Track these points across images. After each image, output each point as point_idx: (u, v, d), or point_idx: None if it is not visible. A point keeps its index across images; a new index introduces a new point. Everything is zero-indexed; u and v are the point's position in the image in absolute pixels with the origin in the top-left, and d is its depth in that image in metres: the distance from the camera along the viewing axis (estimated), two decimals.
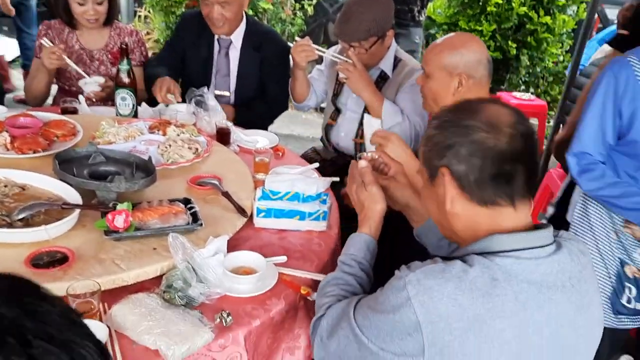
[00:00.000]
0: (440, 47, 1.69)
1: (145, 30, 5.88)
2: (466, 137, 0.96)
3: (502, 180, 0.95)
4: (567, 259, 0.98)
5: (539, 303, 0.92)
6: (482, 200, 0.97)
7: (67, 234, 1.33)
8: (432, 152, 1.01)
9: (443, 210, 1.01)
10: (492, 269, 0.92)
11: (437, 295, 0.90)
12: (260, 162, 1.84)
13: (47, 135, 1.82)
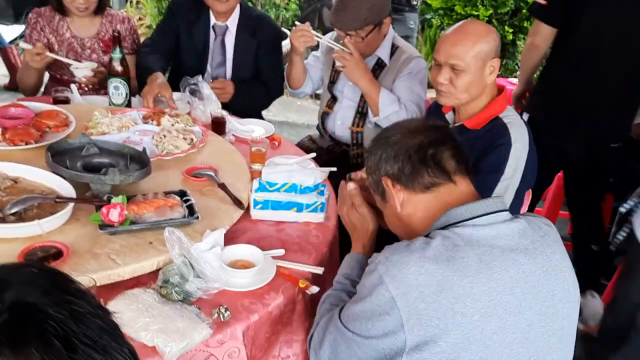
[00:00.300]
0: (471, 38, 1.59)
1: (137, 15, 5.80)
2: (387, 144, 1.13)
3: (431, 162, 1.08)
4: (526, 226, 1.05)
5: (503, 264, 0.99)
6: (424, 186, 1.09)
7: (61, 228, 1.31)
8: (372, 175, 1.16)
9: (398, 217, 1.13)
10: (452, 237, 1.00)
11: (404, 266, 0.97)
12: (256, 152, 1.82)
13: (39, 126, 1.79)
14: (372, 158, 1.16)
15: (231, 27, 2.40)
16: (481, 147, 1.62)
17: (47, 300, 0.50)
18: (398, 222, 1.16)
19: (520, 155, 1.60)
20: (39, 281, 0.53)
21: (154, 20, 5.32)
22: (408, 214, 1.11)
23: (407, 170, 1.09)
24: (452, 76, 1.61)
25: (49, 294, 0.51)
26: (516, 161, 1.59)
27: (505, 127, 1.61)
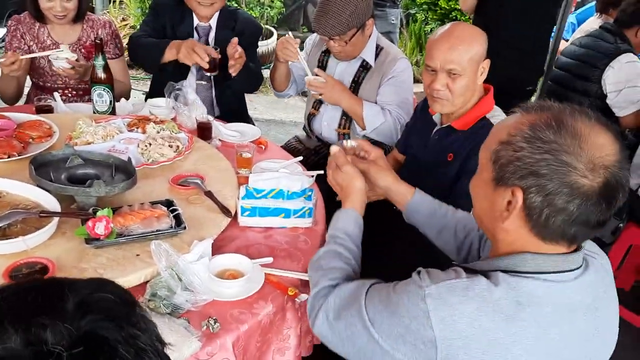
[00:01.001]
0: (465, 42, 1.58)
1: (120, 16, 5.75)
2: (559, 175, 0.85)
3: (578, 225, 0.88)
4: (593, 279, 0.94)
5: (560, 327, 0.89)
6: (541, 236, 0.91)
7: (46, 243, 1.30)
8: (511, 164, 0.89)
9: (493, 216, 0.95)
10: (517, 290, 0.87)
11: (457, 314, 0.87)
12: (243, 157, 1.82)
13: (22, 137, 1.76)
14: (530, 159, 0.87)
15: (214, 27, 2.39)
16: (468, 147, 1.63)
17: (119, 337, 0.52)
18: (485, 210, 0.98)
19: None
20: (116, 312, 0.55)
21: (137, 21, 5.28)
22: (504, 227, 0.93)
23: (545, 216, 0.87)
24: (448, 82, 1.60)
25: (122, 329, 0.53)
26: None
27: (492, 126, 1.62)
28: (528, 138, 0.88)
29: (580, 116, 0.89)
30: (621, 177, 0.87)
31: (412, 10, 5.22)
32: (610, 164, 0.85)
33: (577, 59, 2.80)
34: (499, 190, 0.92)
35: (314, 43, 2.43)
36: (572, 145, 0.85)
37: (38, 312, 0.50)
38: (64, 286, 0.54)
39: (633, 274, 2.78)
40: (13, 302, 0.53)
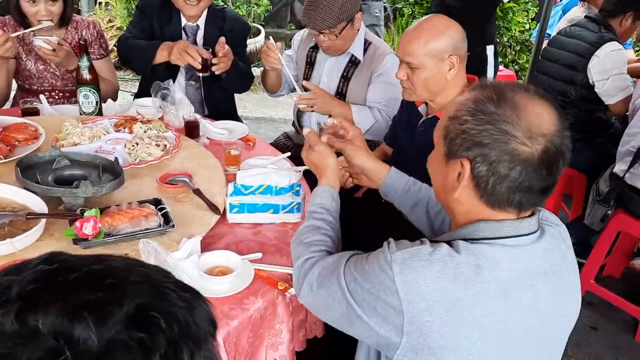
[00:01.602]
0: (424, 35, 1.60)
1: (107, 17, 5.72)
2: (499, 143, 0.90)
3: (522, 191, 0.93)
4: (550, 245, 0.98)
5: (519, 292, 0.93)
6: (490, 203, 0.95)
7: (34, 244, 1.30)
8: (458, 137, 0.95)
9: (447, 190, 1.00)
10: (477, 255, 0.92)
11: (421, 277, 0.91)
12: (231, 154, 1.82)
13: (8, 140, 1.76)
14: (473, 131, 0.92)
15: (202, 26, 2.39)
16: None
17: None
18: (440, 184, 1.04)
19: None
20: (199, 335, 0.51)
21: (123, 22, 5.25)
22: (457, 198, 0.98)
23: (491, 183, 0.93)
24: (408, 73, 1.64)
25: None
26: None
27: None
28: (472, 111, 0.93)
29: (519, 89, 0.94)
30: (560, 145, 0.92)
31: (399, 5, 5.23)
32: (549, 132, 0.90)
33: (563, 48, 2.82)
34: (450, 163, 0.98)
35: (301, 39, 2.43)
36: (511, 115, 0.90)
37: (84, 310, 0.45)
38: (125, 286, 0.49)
39: (623, 261, 2.81)
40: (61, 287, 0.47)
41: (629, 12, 2.74)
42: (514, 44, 5.06)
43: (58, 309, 0.45)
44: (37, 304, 0.45)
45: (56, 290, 0.47)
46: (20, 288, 0.48)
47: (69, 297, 0.46)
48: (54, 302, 0.45)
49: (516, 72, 4.92)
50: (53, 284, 0.48)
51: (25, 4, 2.19)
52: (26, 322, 0.44)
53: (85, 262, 0.51)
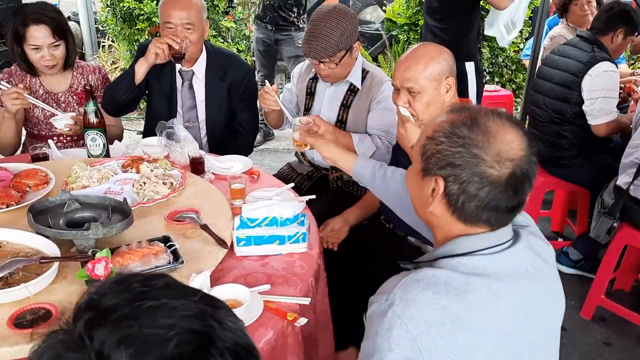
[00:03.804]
0: (422, 61, 1.66)
1: (110, 59, 5.86)
2: (470, 165, 0.98)
3: (489, 210, 1.00)
4: (527, 245, 1.05)
5: (509, 290, 0.99)
6: (462, 219, 1.03)
7: (48, 288, 1.33)
8: (434, 156, 1.03)
9: (422, 203, 1.07)
10: (459, 268, 0.98)
11: (420, 305, 0.94)
12: (236, 188, 1.86)
13: (19, 186, 1.81)
14: (447, 152, 1.00)
15: (198, 72, 2.45)
16: None
17: None
18: (416, 198, 1.11)
19: None
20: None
21: (127, 64, 5.38)
22: (432, 212, 1.05)
23: (461, 201, 1.00)
24: (409, 99, 1.70)
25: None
26: None
27: None
28: (447, 133, 1.01)
29: (492, 115, 1.02)
30: (527, 169, 0.99)
31: (394, 32, 5.33)
32: (517, 157, 0.98)
33: (557, 67, 2.87)
34: (425, 179, 1.05)
35: (300, 72, 2.49)
36: (482, 140, 0.98)
37: None
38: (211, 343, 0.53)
39: (632, 274, 2.80)
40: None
41: (619, 29, 2.80)
42: (509, 64, 5.14)
43: (111, 332, 0.51)
44: (104, 320, 0.51)
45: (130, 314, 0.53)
46: (105, 302, 0.55)
47: (130, 324, 0.51)
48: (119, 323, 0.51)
49: (513, 91, 4.98)
50: (132, 306, 0.53)
51: (30, 52, 2.27)
52: (89, 332, 0.51)
53: (168, 295, 0.56)
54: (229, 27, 5.10)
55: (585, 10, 3.59)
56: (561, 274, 1.14)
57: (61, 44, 2.31)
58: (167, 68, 2.41)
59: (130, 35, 4.99)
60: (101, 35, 6.25)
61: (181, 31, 2.29)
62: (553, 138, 2.86)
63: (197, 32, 2.33)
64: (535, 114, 2.96)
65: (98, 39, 6.38)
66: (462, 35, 2.99)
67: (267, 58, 4.43)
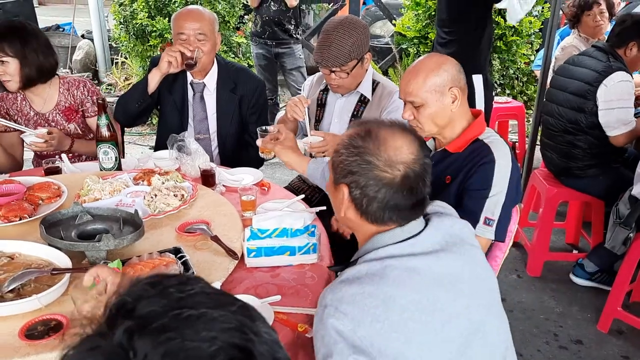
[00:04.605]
0: (421, 74, 1.67)
1: (123, 76, 5.95)
2: (365, 171, 1.10)
3: (390, 209, 1.11)
4: (438, 226, 1.15)
5: (427, 264, 1.08)
6: (370, 220, 1.14)
7: (59, 299, 1.33)
8: (338, 167, 1.15)
9: (338, 210, 1.19)
10: (376, 259, 1.08)
11: (350, 298, 1.02)
12: (246, 200, 1.86)
13: (32, 199, 1.82)
14: (347, 162, 1.13)
15: (210, 84, 2.47)
16: (466, 168, 1.67)
17: None
18: (335, 205, 1.21)
19: (504, 172, 1.64)
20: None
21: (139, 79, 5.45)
22: (346, 217, 1.17)
23: (366, 204, 1.12)
24: (414, 112, 1.70)
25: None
26: (501, 177, 1.63)
27: (487, 146, 1.66)
28: (346, 145, 1.15)
29: (384, 126, 1.15)
30: (418, 170, 1.11)
31: (403, 45, 5.35)
32: (407, 160, 1.10)
33: (572, 77, 2.84)
34: (336, 188, 1.18)
35: (311, 84, 2.50)
36: (374, 148, 1.11)
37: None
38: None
39: None
40: None
41: (632, 42, 2.78)
42: (520, 76, 5.13)
43: (154, 345, 0.50)
44: (144, 330, 0.51)
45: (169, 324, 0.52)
46: (142, 308, 0.53)
47: (172, 336, 0.51)
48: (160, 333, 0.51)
49: (525, 102, 4.95)
50: (171, 315, 0.53)
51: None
52: (129, 343, 0.50)
53: (206, 304, 0.56)
54: (239, 43, 5.15)
55: (598, 21, 3.58)
56: (576, 287, 1.15)
57: (9, 60, 2.24)
58: (179, 80, 2.44)
59: (142, 52, 5.06)
60: (114, 52, 6.36)
61: (194, 41, 2.32)
62: (567, 148, 2.83)
63: (210, 42, 2.35)
64: (549, 124, 2.94)
65: (111, 55, 6.50)
66: (471, 48, 2.99)
67: (269, 72, 4.50)
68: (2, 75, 2.25)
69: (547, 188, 2.95)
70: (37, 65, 2.27)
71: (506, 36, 4.74)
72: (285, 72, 4.51)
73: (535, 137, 3.59)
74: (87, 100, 2.44)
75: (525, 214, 3.30)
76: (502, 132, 4.05)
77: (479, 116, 1.74)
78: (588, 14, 3.59)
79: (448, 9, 3.03)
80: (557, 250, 3.25)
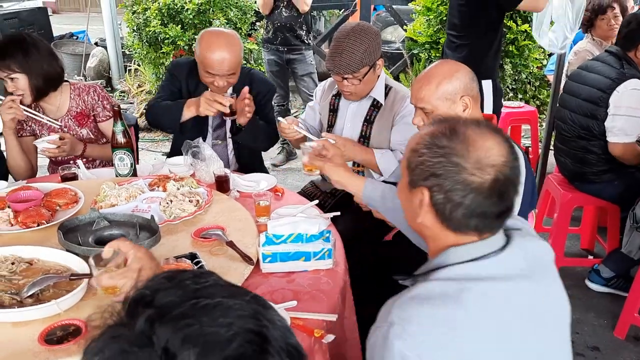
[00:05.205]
0: (434, 80, 1.65)
1: (137, 83, 6.00)
2: (452, 174, 1.00)
3: (477, 217, 1.02)
4: (518, 252, 1.05)
5: (506, 294, 0.99)
6: (451, 228, 1.04)
7: (78, 304, 1.35)
8: (417, 168, 1.06)
9: (413, 215, 1.09)
10: (451, 278, 1.00)
11: (419, 320, 0.94)
12: (261, 206, 1.87)
13: (50, 205, 1.84)
14: (429, 162, 1.03)
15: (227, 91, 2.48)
16: None
17: None
18: (408, 210, 1.13)
19: None
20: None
21: (152, 86, 5.50)
22: (423, 224, 1.07)
23: (448, 210, 1.02)
24: (424, 118, 1.70)
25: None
26: None
27: None
28: (427, 145, 1.04)
29: (471, 125, 1.05)
30: (509, 174, 1.01)
31: (415, 51, 5.35)
32: (498, 163, 1.00)
33: (584, 83, 2.81)
34: (413, 191, 1.08)
35: (323, 90, 2.51)
36: (462, 149, 1.01)
37: None
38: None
39: None
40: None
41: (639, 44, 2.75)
42: (532, 80, 5.10)
43: (174, 330, 0.53)
44: (164, 318, 0.53)
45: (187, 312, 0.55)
46: (160, 298, 0.56)
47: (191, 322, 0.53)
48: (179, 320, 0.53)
49: (538, 107, 4.93)
50: (189, 304, 0.56)
51: (4, 84, 2.30)
52: (151, 330, 0.53)
53: (221, 294, 0.58)
54: (251, 49, 5.19)
55: (612, 25, 3.54)
56: (592, 293, 1.13)
57: (18, 76, 2.26)
58: (200, 88, 2.42)
59: (155, 59, 5.11)
60: (127, 60, 6.43)
61: (222, 78, 2.30)
62: (581, 153, 2.80)
63: (237, 74, 2.35)
64: (562, 129, 2.92)
65: (124, 63, 6.56)
66: (481, 53, 2.98)
67: (281, 78, 4.52)
68: (15, 91, 2.27)
69: (562, 193, 2.93)
70: (43, 75, 2.29)
71: (518, 40, 4.72)
72: (296, 78, 4.53)
73: (548, 142, 3.57)
74: (98, 105, 2.46)
75: (539, 220, 3.28)
76: (515, 137, 4.02)
77: (491, 122, 1.74)
78: (602, 17, 3.57)
79: (460, 13, 3.03)
80: (572, 255, 3.22)
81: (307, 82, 4.46)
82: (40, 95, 2.34)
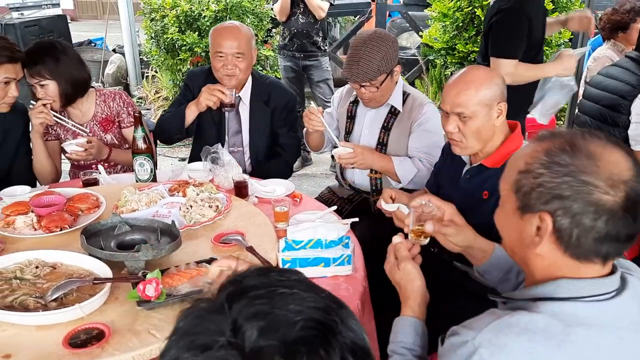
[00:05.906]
0: (473, 86, 1.63)
1: (154, 89, 6.07)
2: (582, 194, 0.89)
3: (606, 243, 0.91)
4: (632, 297, 0.95)
5: (611, 344, 0.90)
6: (576, 256, 0.93)
7: (100, 308, 1.36)
8: (534, 191, 0.93)
9: (523, 245, 0.98)
10: (560, 315, 0.89)
11: (513, 351, 0.87)
12: (279, 211, 1.87)
13: (72, 210, 1.87)
14: (552, 184, 0.91)
15: (245, 98, 2.51)
16: None
17: None
18: (515, 241, 1.01)
19: None
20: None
21: (169, 92, 5.56)
22: (537, 253, 0.95)
23: (576, 236, 0.90)
24: (459, 124, 1.66)
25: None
26: None
27: None
28: (545, 164, 0.92)
29: (591, 137, 0.93)
30: (639, 190, 0.90)
31: (430, 57, 5.35)
32: (628, 178, 0.89)
33: (604, 89, 2.78)
34: (525, 217, 0.95)
35: (341, 96, 2.52)
36: (589, 165, 0.89)
37: None
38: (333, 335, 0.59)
39: None
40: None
41: None
42: None
43: (247, 305, 0.60)
44: (243, 295, 0.61)
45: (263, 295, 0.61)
46: (245, 282, 0.64)
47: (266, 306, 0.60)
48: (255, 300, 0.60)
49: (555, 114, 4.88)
50: (268, 289, 0.62)
51: (34, 90, 2.35)
52: (228, 302, 0.60)
53: (300, 287, 0.63)
54: (267, 56, 5.22)
55: None
56: None
57: (48, 83, 2.30)
58: None
59: (172, 66, 5.16)
60: (145, 66, 6.51)
61: (232, 60, 2.36)
62: None
63: (247, 60, 2.40)
64: None
65: (142, 69, 6.64)
66: None
67: (296, 84, 4.55)
68: (45, 97, 2.32)
69: None
70: (72, 81, 2.34)
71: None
72: (312, 84, 4.55)
73: None
74: (123, 112, 2.51)
75: None
76: None
77: (516, 129, 1.72)
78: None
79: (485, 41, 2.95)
80: None
81: (322, 89, 4.48)
82: (68, 102, 2.39)
